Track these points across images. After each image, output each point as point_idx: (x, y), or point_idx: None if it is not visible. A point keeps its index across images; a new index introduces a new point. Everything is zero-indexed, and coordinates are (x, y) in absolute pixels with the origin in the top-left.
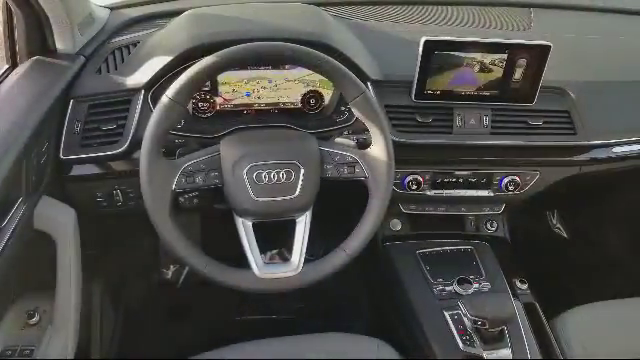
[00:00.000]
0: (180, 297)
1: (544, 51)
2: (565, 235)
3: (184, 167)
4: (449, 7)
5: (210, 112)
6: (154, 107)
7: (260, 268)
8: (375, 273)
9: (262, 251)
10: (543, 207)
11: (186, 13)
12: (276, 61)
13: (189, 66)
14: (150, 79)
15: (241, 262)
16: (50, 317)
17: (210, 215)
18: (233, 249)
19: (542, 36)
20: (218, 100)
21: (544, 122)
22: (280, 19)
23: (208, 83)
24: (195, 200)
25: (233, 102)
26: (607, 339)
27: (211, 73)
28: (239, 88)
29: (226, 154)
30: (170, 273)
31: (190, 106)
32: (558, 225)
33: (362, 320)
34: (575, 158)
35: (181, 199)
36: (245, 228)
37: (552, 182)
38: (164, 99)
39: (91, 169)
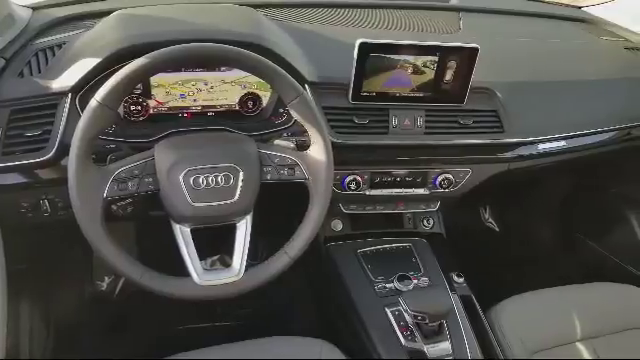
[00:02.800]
0: (117, 309)
1: (473, 53)
2: (497, 229)
3: (116, 173)
4: (381, 10)
5: (143, 116)
6: (82, 111)
7: (200, 275)
8: (318, 274)
9: (202, 257)
10: (476, 203)
11: (115, 13)
12: (211, 63)
13: (119, 68)
14: (77, 82)
15: (181, 270)
16: None
17: (146, 223)
18: (171, 257)
19: (470, 39)
20: (151, 103)
21: (474, 121)
22: (214, 20)
23: (140, 86)
24: (129, 208)
25: (167, 105)
26: (539, 327)
27: (143, 75)
28: (173, 90)
29: (161, 159)
30: (105, 285)
31: (121, 110)
32: (490, 220)
33: (307, 321)
34: (503, 155)
35: (114, 207)
36: (183, 235)
37: (483, 179)
38: (93, 103)
39: (15, 178)
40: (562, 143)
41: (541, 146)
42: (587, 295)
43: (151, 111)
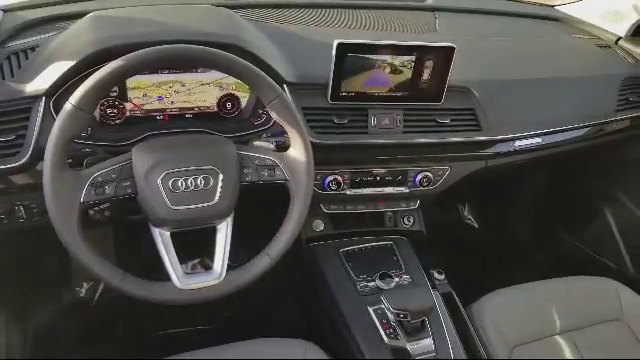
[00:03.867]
0: (96, 316)
1: (449, 52)
2: (476, 225)
3: (93, 178)
4: (358, 11)
5: (120, 118)
6: (57, 115)
7: (181, 279)
8: (300, 274)
9: (183, 261)
10: (455, 200)
11: (90, 15)
12: (189, 64)
13: (94, 71)
14: (52, 85)
15: (161, 274)
16: None
17: (125, 227)
18: (151, 261)
19: (447, 39)
20: (128, 106)
21: (451, 120)
22: (191, 21)
23: (116, 88)
24: (107, 212)
25: (144, 107)
26: (519, 321)
27: (118, 78)
28: (150, 93)
29: (138, 162)
30: (84, 291)
31: (97, 113)
32: (469, 216)
33: (291, 322)
34: (481, 153)
35: (91, 212)
36: (163, 238)
37: (462, 176)
38: (68, 106)
39: None
40: (538, 140)
41: (517, 143)
42: (565, 289)
43: (128, 114)
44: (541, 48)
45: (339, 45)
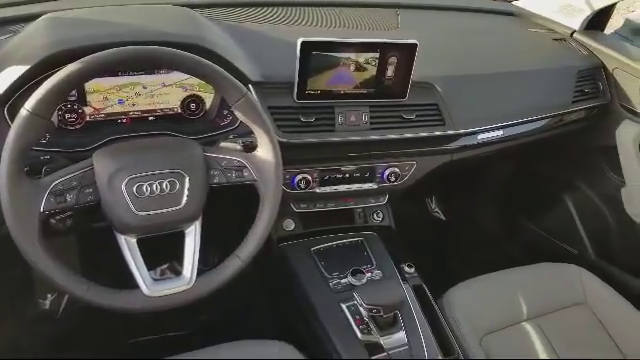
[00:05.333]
0: (62, 327)
1: (412, 49)
2: (443, 218)
3: (52, 186)
4: (320, 9)
5: (79, 123)
6: (12, 122)
7: (149, 286)
8: (272, 275)
9: (151, 267)
10: (422, 194)
11: (44, 17)
12: (150, 66)
13: (50, 75)
14: (5, 91)
15: (129, 282)
16: None
17: (89, 235)
18: (118, 269)
19: (409, 35)
20: (87, 110)
21: (416, 115)
22: (151, 21)
23: (74, 92)
24: (69, 221)
25: (105, 111)
26: (488, 310)
27: (76, 81)
28: (111, 96)
29: (101, 168)
30: (48, 303)
31: (55, 118)
32: (437, 209)
33: (264, 324)
34: (446, 147)
35: (52, 221)
36: (129, 245)
37: (428, 170)
38: (23, 112)
39: None
40: (500, 132)
41: (480, 136)
42: (531, 276)
43: (88, 118)
44: (500, 43)
45: (303, 43)
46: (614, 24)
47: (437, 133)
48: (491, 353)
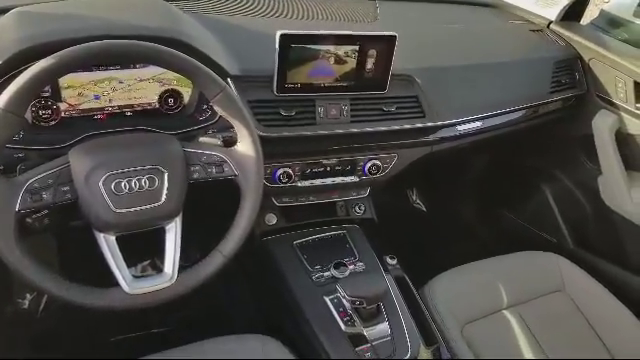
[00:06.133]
0: (43, 327)
1: (391, 41)
2: (424, 209)
3: (28, 184)
4: (299, 1)
5: (54, 120)
6: None
7: (130, 284)
8: (255, 269)
9: (132, 264)
10: (403, 186)
11: (13, 11)
12: (126, 61)
13: (23, 71)
14: None
15: (110, 280)
16: None
17: (67, 234)
18: (98, 267)
19: (388, 27)
20: (62, 106)
21: (397, 108)
22: (126, 14)
23: (48, 88)
24: (46, 220)
25: (80, 107)
26: (468, 299)
27: (49, 77)
28: (86, 91)
29: (77, 165)
30: (27, 302)
31: (29, 115)
32: (418, 201)
33: (247, 319)
34: (426, 139)
35: (29, 220)
36: (108, 243)
37: (409, 162)
38: None
39: None
40: (479, 124)
41: (460, 128)
42: (510, 265)
43: (63, 114)
44: (478, 34)
45: (282, 36)
46: (588, 15)
47: (417, 125)
48: (472, 341)
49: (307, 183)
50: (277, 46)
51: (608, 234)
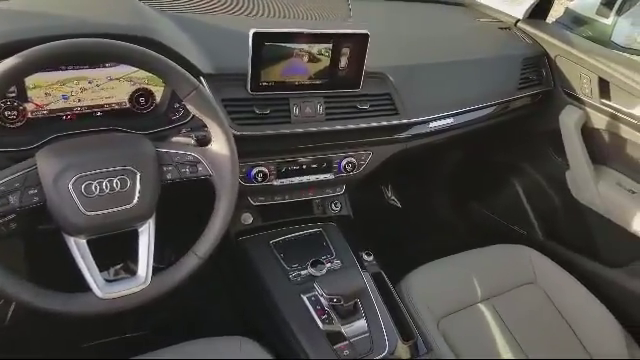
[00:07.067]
0: (11, 335)
1: (364, 39)
2: (399, 205)
3: None
4: (271, 0)
5: (20, 121)
6: None
7: (102, 288)
8: (231, 270)
9: (104, 267)
10: (378, 183)
11: None
12: (95, 60)
13: None
14: None
15: (82, 284)
16: None
17: (35, 238)
18: (69, 272)
19: (361, 25)
20: (29, 107)
21: (370, 105)
22: (95, 12)
23: (14, 88)
24: (12, 224)
25: (48, 107)
26: (444, 293)
27: (14, 77)
28: (53, 91)
29: (45, 167)
30: None
31: None
32: (393, 197)
33: (225, 321)
34: (400, 136)
35: None
36: (79, 247)
37: (384, 159)
38: None
39: None
40: (450, 120)
41: (432, 124)
42: (484, 258)
43: (29, 115)
44: (449, 32)
45: (255, 34)
46: (554, 14)
47: (392, 122)
48: (448, 335)
49: (283, 181)
50: (250, 44)
51: (577, 226)
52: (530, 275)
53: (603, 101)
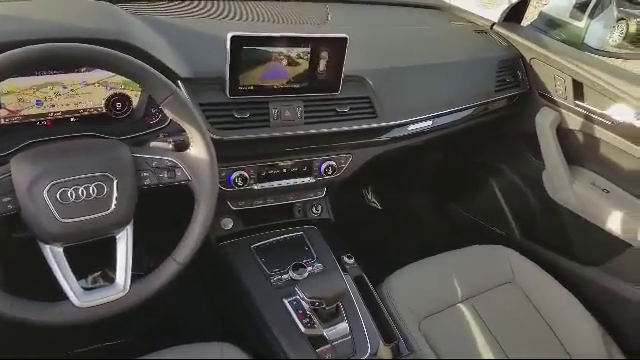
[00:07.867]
0: None
1: (342, 43)
2: (380, 207)
3: None
4: (250, 3)
5: None
6: None
7: (80, 297)
8: (212, 276)
9: (82, 276)
10: (359, 186)
11: None
12: (70, 64)
13: None
14: None
15: (59, 293)
16: None
17: (9, 246)
18: (46, 280)
19: (339, 29)
20: (1, 113)
21: (350, 109)
22: (69, 16)
23: None
24: None
25: (21, 113)
26: (424, 294)
27: None
28: (27, 97)
29: (19, 174)
30: None
31: None
32: (373, 200)
33: (206, 327)
34: (379, 139)
35: None
36: (55, 255)
37: (364, 162)
38: None
39: None
40: (429, 123)
41: (411, 127)
42: (463, 259)
43: (2, 121)
44: (427, 36)
45: (233, 38)
46: (529, 17)
47: (370, 125)
48: (429, 336)
49: (264, 185)
50: (228, 48)
51: (553, 226)
52: (508, 275)
53: (577, 102)
